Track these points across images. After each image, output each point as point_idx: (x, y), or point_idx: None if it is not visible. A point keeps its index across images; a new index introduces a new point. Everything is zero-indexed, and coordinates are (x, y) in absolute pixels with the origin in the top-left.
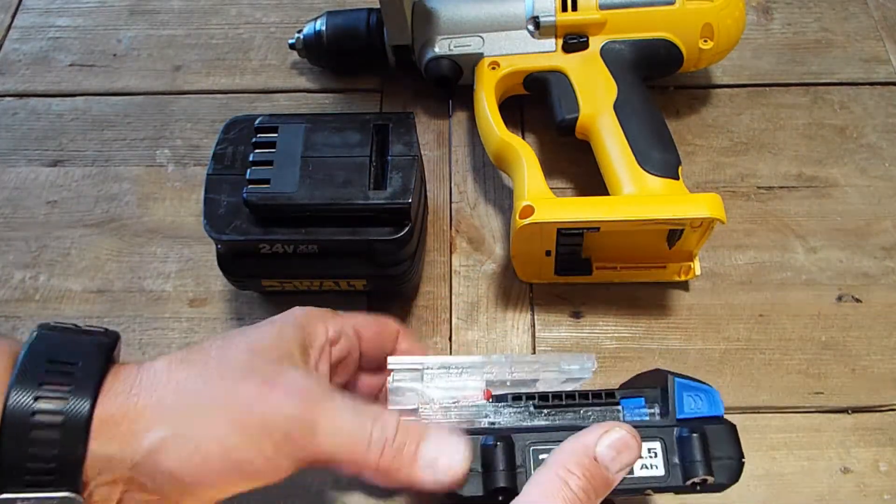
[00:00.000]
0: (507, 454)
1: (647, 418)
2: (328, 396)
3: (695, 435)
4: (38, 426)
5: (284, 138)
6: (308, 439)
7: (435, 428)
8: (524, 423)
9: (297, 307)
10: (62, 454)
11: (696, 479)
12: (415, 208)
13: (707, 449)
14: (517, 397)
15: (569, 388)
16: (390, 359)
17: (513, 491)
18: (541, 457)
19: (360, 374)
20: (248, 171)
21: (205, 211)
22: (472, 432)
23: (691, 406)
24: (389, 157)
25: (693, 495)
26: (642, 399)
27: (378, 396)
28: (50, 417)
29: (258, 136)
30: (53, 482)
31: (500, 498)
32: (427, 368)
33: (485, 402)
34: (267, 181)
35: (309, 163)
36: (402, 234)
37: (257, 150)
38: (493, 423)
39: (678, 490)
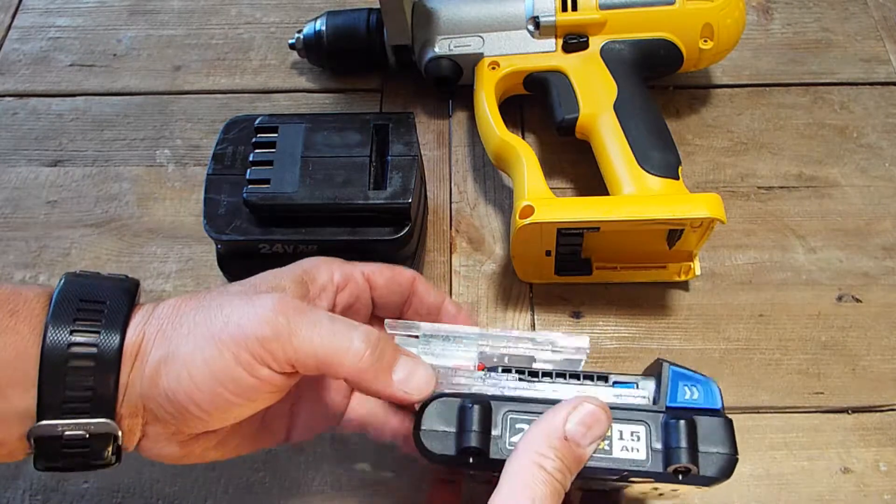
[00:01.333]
0: (482, 417)
1: (636, 401)
2: (306, 308)
3: (681, 422)
4: (74, 357)
5: (284, 138)
6: (286, 344)
7: (408, 350)
8: (509, 393)
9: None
10: (96, 384)
11: (678, 467)
12: (415, 208)
13: (694, 438)
14: (507, 370)
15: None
16: (387, 322)
17: (484, 453)
18: (517, 426)
19: (374, 322)
20: (248, 171)
21: (205, 211)
22: (453, 396)
23: (685, 395)
24: (389, 157)
25: (696, 493)
26: (634, 384)
27: None
28: (85, 349)
29: (258, 136)
30: (90, 410)
31: (472, 460)
32: (424, 335)
33: (476, 372)
34: (267, 181)
35: (309, 163)
36: (402, 234)
37: (257, 150)
38: (478, 392)
39: (658, 477)
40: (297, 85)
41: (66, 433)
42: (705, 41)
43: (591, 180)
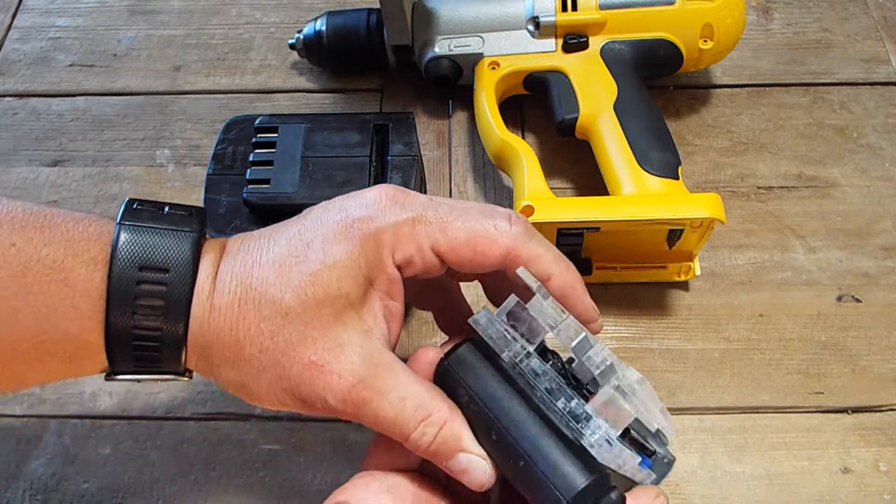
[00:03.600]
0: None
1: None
2: (379, 390)
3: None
4: (138, 345)
5: (284, 138)
6: (352, 415)
7: (470, 444)
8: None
9: (377, 198)
10: (164, 364)
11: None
12: None
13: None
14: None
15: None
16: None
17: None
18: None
19: (443, 278)
20: (248, 171)
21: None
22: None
23: None
24: (389, 157)
25: (696, 493)
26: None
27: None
28: (148, 333)
29: (258, 136)
30: (160, 370)
31: None
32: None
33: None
34: (267, 181)
35: (309, 163)
36: None
37: (257, 150)
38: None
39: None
40: (297, 85)
41: (139, 377)
42: (705, 41)
43: (591, 180)
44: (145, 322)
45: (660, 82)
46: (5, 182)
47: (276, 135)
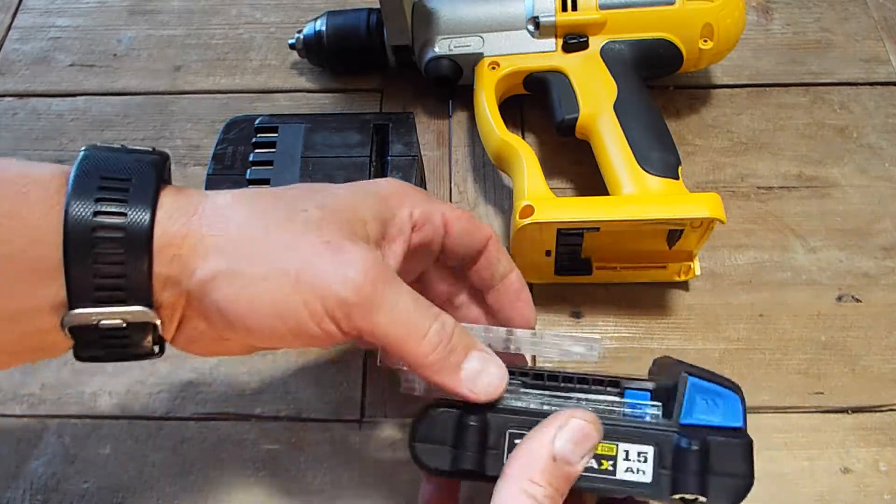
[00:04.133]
0: (479, 437)
1: (648, 418)
2: (393, 279)
3: (693, 447)
4: (100, 240)
5: (284, 138)
6: (364, 314)
7: (482, 344)
8: (509, 403)
9: (390, 179)
10: (128, 270)
11: (685, 496)
12: None
13: (707, 464)
14: (511, 372)
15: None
16: None
17: (480, 472)
18: (515, 441)
19: (432, 271)
20: (248, 171)
21: None
22: (451, 407)
23: (703, 412)
24: (389, 157)
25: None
26: (648, 394)
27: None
28: (111, 233)
29: (258, 136)
30: (125, 298)
31: (468, 474)
32: None
33: None
34: (267, 181)
35: (309, 163)
36: None
37: (257, 150)
38: None
39: (664, 502)
40: (297, 85)
41: (102, 322)
42: (705, 41)
43: (591, 180)
44: (105, 242)
45: (660, 82)
46: None
47: (276, 135)
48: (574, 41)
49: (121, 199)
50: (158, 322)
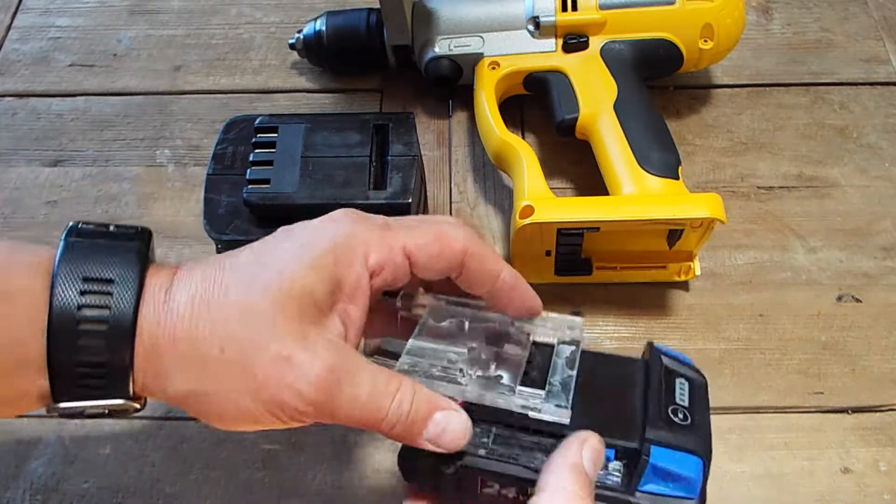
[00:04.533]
0: (455, 481)
1: (609, 480)
2: (347, 374)
3: None
4: (83, 349)
5: (284, 138)
6: (324, 414)
7: (443, 401)
8: (476, 451)
9: (341, 217)
10: (108, 381)
11: None
12: (415, 208)
13: None
14: (482, 419)
15: (566, 349)
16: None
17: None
18: (488, 486)
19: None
20: (248, 171)
21: (205, 211)
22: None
23: (662, 481)
24: (389, 157)
25: None
26: (613, 451)
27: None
28: (93, 356)
29: (258, 136)
30: (107, 395)
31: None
32: (409, 351)
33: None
34: (267, 181)
35: (309, 163)
36: None
37: (257, 150)
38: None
39: None
40: (297, 85)
41: (87, 411)
42: (705, 41)
43: (591, 180)
44: (88, 334)
45: (660, 82)
46: (5, 182)
47: (276, 135)
48: (574, 41)
49: (103, 305)
50: (139, 405)
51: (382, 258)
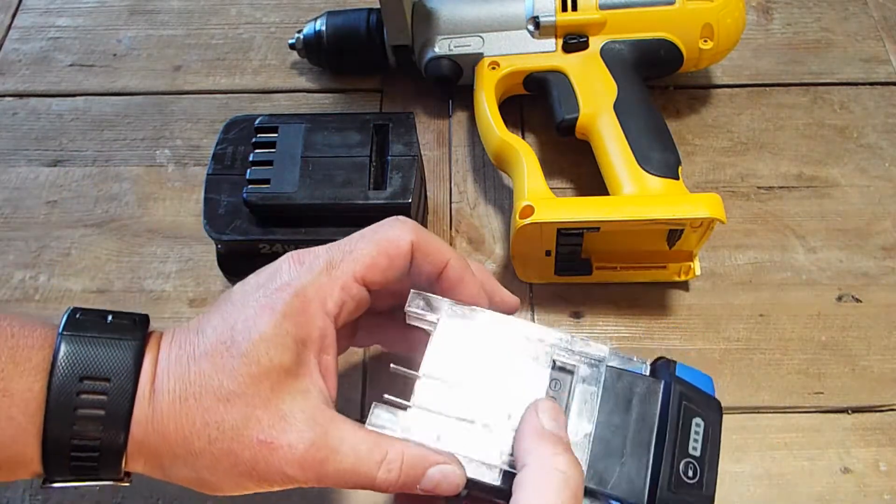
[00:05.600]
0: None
1: None
2: (330, 446)
3: None
4: (76, 456)
5: (284, 138)
6: (314, 482)
7: (435, 456)
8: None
9: (287, 269)
10: (102, 473)
11: None
12: (415, 208)
13: None
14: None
15: (587, 391)
16: (392, 366)
17: None
18: None
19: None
20: (248, 171)
21: (205, 211)
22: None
23: None
24: (389, 157)
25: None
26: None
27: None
28: (87, 443)
29: (258, 136)
30: (98, 476)
31: None
32: (425, 375)
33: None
34: (267, 181)
35: (309, 163)
36: None
37: (257, 150)
38: None
39: None
40: (297, 85)
41: (77, 485)
42: (705, 41)
43: (591, 180)
44: (84, 433)
45: (660, 82)
46: (5, 182)
47: (275, 135)
48: (574, 41)
49: (98, 405)
50: (129, 481)
51: (339, 299)
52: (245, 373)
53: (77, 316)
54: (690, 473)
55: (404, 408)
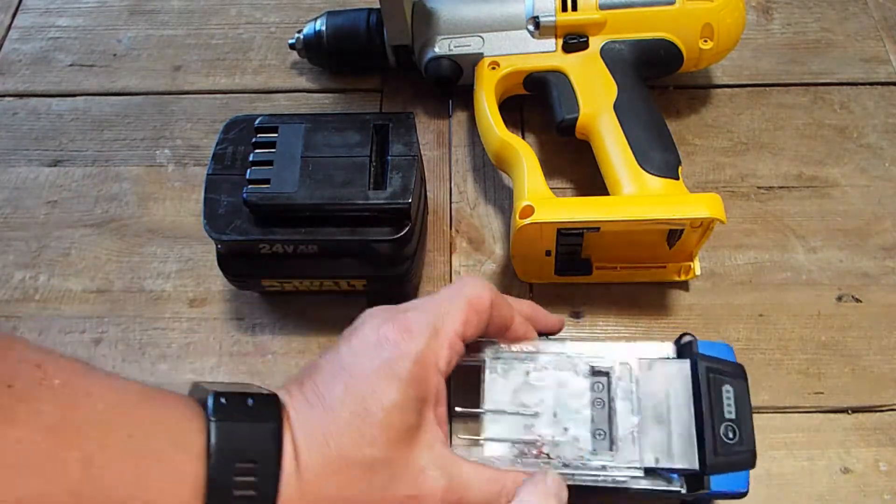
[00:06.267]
0: None
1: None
2: (462, 485)
3: None
4: None
5: (284, 138)
6: None
7: (541, 479)
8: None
9: (393, 335)
10: None
11: None
12: (415, 208)
13: None
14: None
15: (623, 389)
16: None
17: None
18: None
19: None
20: (248, 171)
21: (205, 211)
22: None
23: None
24: (389, 157)
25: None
26: (676, 474)
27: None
28: None
29: (258, 136)
30: None
31: None
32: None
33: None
34: (267, 181)
35: (309, 163)
36: (401, 234)
37: (257, 151)
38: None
39: None
40: (297, 85)
41: None
42: (705, 41)
43: (591, 180)
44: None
45: (660, 82)
46: (5, 182)
47: (275, 135)
48: (574, 41)
49: (249, 484)
50: None
51: (448, 358)
52: (384, 440)
53: (221, 401)
54: (731, 434)
55: (478, 443)
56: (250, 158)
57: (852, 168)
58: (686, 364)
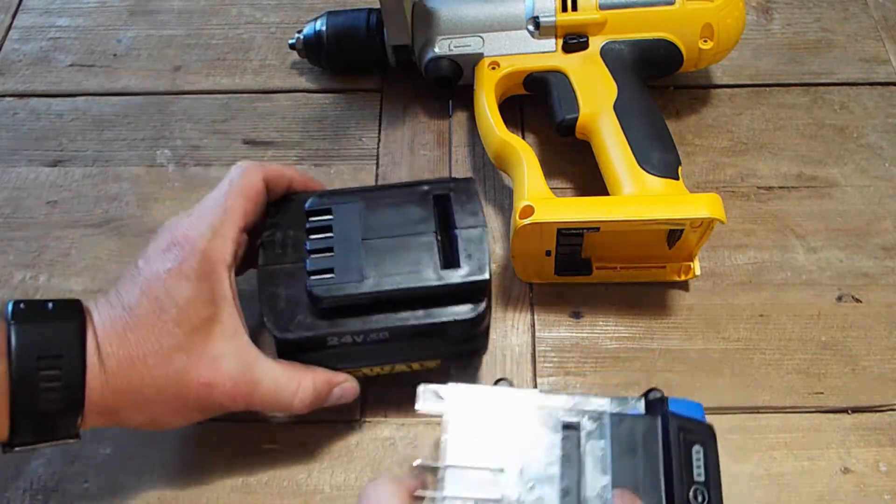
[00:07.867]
0: None
1: None
2: (254, 380)
3: None
4: (39, 422)
5: (340, 221)
6: (243, 409)
7: (338, 376)
8: None
9: (178, 241)
10: (61, 433)
11: None
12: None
13: None
14: None
15: (596, 447)
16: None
17: None
18: None
19: None
20: (308, 261)
21: (264, 308)
22: None
23: None
24: (457, 231)
25: None
26: None
27: None
28: (49, 408)
29: (311, 220)
30: (59, 437)
31: None
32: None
33: None
34: (330, 270)
35: (371, 246)
36: (480, 311)
37: (312, 237)
38: None
39: None
40: (297, 85)
41: (36, 446)
42: (705, 41)
43: (591, 180)
44: (47, 404)
45: (660, 82)
46: (5, 182)
47: (330, 217)
48: (574, 41)
49: (57, 378)
50: (79, 438)
51: (233, 251)
52: (180, 332)
53: (21, 306)
54: (700, 498)
55: (438, 500)
56: (307, 247)
57: (852, 168)
58: (657, 422)
